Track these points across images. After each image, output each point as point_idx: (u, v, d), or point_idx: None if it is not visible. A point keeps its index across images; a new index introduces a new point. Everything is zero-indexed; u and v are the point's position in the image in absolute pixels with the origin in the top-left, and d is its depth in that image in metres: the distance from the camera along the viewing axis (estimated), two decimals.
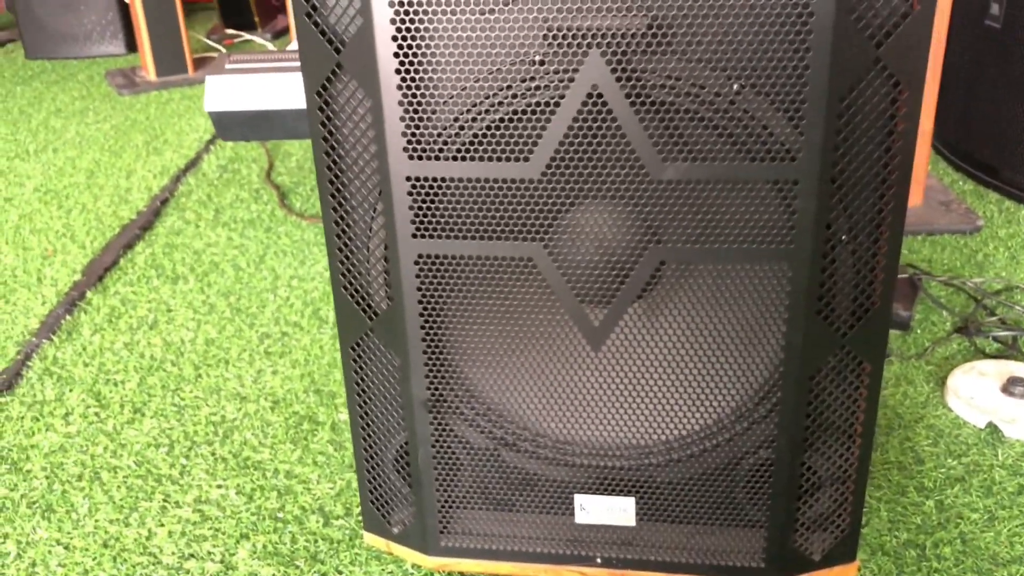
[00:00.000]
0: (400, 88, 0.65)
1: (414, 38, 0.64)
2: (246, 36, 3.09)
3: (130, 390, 1.18)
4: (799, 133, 0.63)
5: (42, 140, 2.17)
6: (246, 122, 1.51)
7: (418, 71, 0.65)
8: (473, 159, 0.67)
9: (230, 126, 1.50)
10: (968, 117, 1.73)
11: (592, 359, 0.74)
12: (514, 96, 0.65)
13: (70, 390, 1.18)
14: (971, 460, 0.99)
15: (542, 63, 0.64)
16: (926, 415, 1.07)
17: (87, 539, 0.93)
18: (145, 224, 1.67)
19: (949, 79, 1.78)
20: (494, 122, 0.66)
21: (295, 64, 1.63)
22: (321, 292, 1.41)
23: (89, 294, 1.42)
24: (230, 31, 3.14)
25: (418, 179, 0.68)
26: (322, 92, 0.69)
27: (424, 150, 0.67)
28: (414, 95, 0.66)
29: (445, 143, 0.67)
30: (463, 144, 0.67)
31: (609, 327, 0.72)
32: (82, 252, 1.57)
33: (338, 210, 0.73)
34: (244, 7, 3.11)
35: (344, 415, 1.12)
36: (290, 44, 2.69)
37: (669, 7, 0.61)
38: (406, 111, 0.66)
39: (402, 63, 0.65)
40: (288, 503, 0.97)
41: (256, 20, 3.12)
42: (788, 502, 0.76)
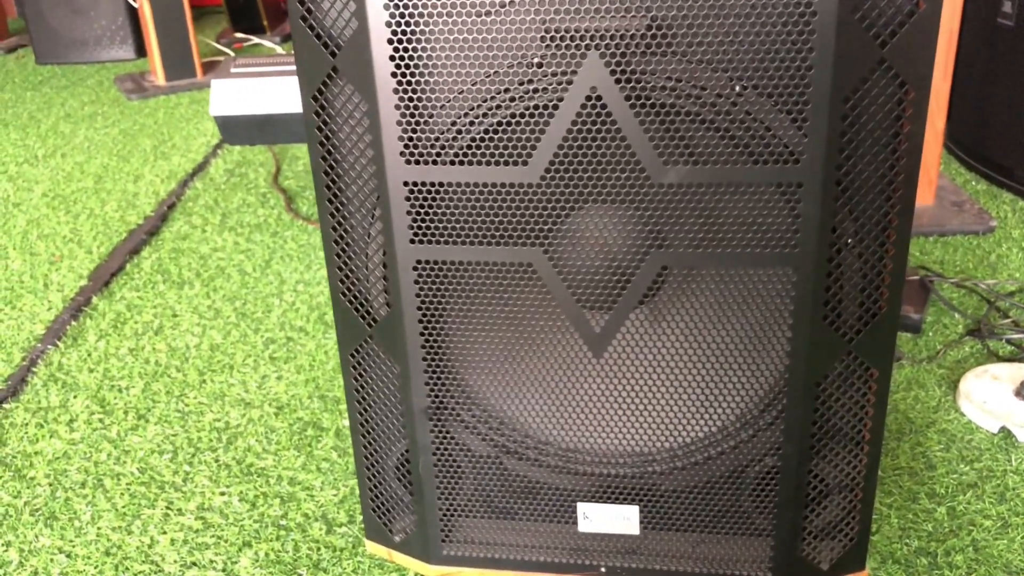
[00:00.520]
0: (396, 92, 0.64)
1: (410, 41, 0.63)
2: (255, 40, 3.09)
3: (134, 396, 1.18)
4: (803, 135, 0.62)
5: (51, 145, 2.17)
6: (251, 126, 1.50)
7: (414, 74, 0.64)
8: (471, 163, 0.66)
9: (235, 130, 1.50)
10: (981, 116, 1.70)
11: (594, 365, 0.73)
12: (512, 99, 0.64)
13: (74, 396, 1.18)
14: (984, 466, 0.98)
15: (540, 65, 0.62)
16: (938, 419, 1.05)
17: (89, 547, 0.93)
18: (152, 229, 1.66)
19: (962, 78, 1.76)
20: (492, 126, 0.65)
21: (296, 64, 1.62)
22: (326, 297, 1.40)
23: (95, 299, 1.42)
24: (239, 35, 3.15)
25: (416, 184, 0.67)
26: (318, 96, 0.68)
27: (422, 154, 0.66)
28: (411, 99, 0.65)
29: (443, 147, 0.66)
30: (461, 148, 0.66)
31: (611, 333, 0.71)
32: (89, 257, 1.57)
33: (336, 215, 0.72)
34: (253, 11, 3.11)
35: (348, 421, 1.11)
36: None
37: (668, 7, 0.60)
38: (403, 115, 0.65)
39: (398, 66, 0.64)
40: (291, 510, 0.97)
41: (265, 24, 3.12)
42: (795, 510, 0.75)
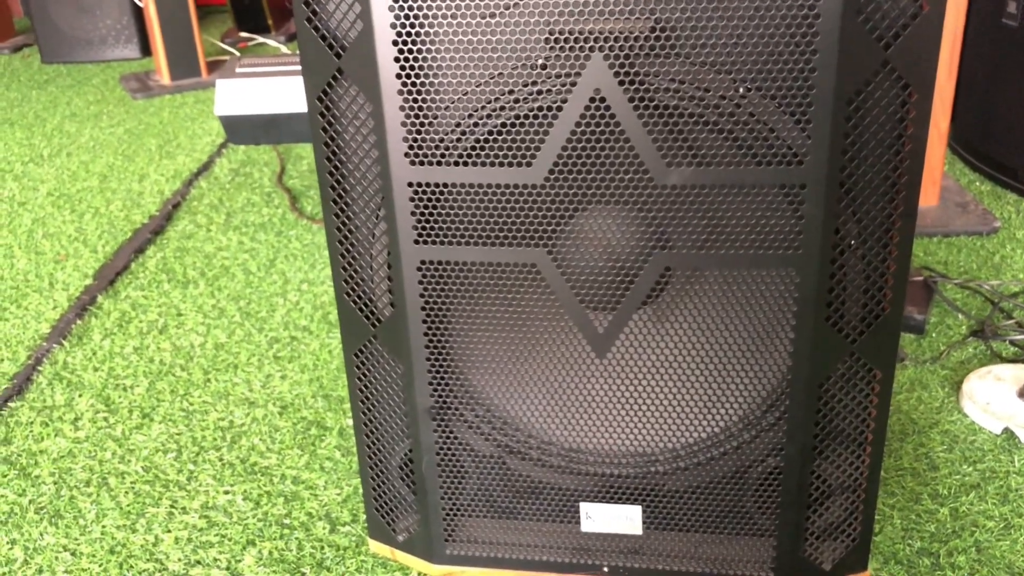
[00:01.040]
0: (401, 93, 0.65)
1: (415, 43, 0.63)
2: (260, 39, 3.10)
3: (139, 395, 1.18)
4: (806, 137, 0.62)
5: (56, 144, 2.18)
6: (256, 126, 1.51)
7: (419, 76, 0.64)
8: (475, 164, 0.66)
9: (240, 130, 1.50)
10: (985, 117, 1.70)
11: (597, 366, 0.73)
12: (516, 101, 0.64)
13: (79, 395, 1.18)
14: (987, 467, 0.98)
15: (544, 67, 0.63)
16: (941, 420, 1.05)
17: (94, 545, 0.93)
18: (157, 228, 1.67)
19: (966, 78, 1.75)
20: (496, 127, 0.65)
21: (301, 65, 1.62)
22: (331, 296, 1.41)
23: (100, 298, 1.43)
24: (244, 34, 3.15)
25: (420, 185, 0.68)
26: (323, 97, 0.68)
27: (426, 155, 0.67)
28: (415, 100, 0.65)
29: (447, 148, 0.66)
30: (465, 149, 0.66)
31: (614, 333, 0.71)
32: (94, 256, 1.57)
33: (340, 216, 0.72)
34: (258, 10, 3.12)
35: (352, 420, 1.11)
36: None
37: (672, 10, 0.60)
38: (407, 116, 0.65)
39: (403, 68, 0.64)
40: (295, 509, 0.97)
41: (270, 23, 3.13)
42: (798, 511, 0.75)
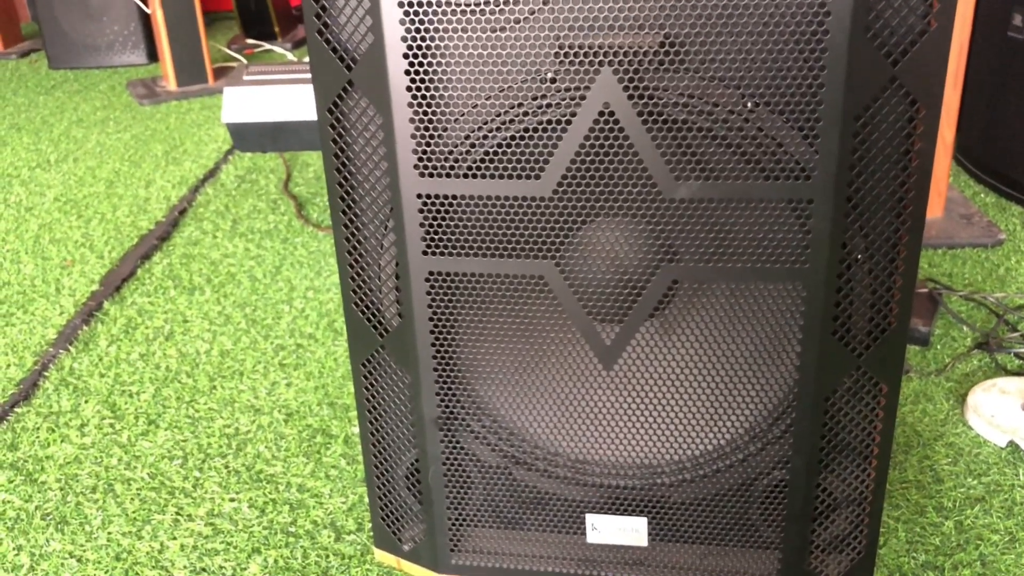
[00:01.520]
0: (411, 106, 0.65)
1: (425, 56, 0.64)
2: (266, 46, 3.11)
3: (145, 401, 1.18)
4: (814, 152, 0.62)
5: (63, 150, 2.19)
6: (263, 133, 1.51)
7: (429, 89, 0.65)
8: (484, 177, 0.67)
9: (247, 137, 1.51)
10: (990, 129, 1.71)
11: (604, 377, 0.74)
12: (525, 114, 0.64)
13: (86, 401, 1.19)
14: (991, 480, 0.98)
15: (553, 81, 0.63)
16: (945, 433, 1.05)
17: (100, 552, 0.93)
18: (163, 234, 1.67)
19: (971, 90, 1.76)
20: (505, 140, 0.65)
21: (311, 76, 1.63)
22: (336, 304, 1.41)
23: (106, 304, 1.43)
24: (250, 41, 3.16)
25: (429, 196, 0.68)
26: (333, 109, 0.69)
27: (435, 167, 0.67)
28: (425, 113, 0.66)
29: (456, 161, 0.67)
30: (474, 162, 0.66)
31: (621, 346, 0.71)
32: (100, 262, 1.58)
33: (349, 226, 0.73)
34: (264, 17, 3.13)
35: (357, 428, 1.11)
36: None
37: (682, 25, 0.60)
38: (417, 128, 0.66)
39: (413, 81, 0.64)
40: (300, 517, 0.97)
41: (276, 30, 3.14)
42: (803, 523, 0.75)
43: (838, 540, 0.77)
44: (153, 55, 2.98)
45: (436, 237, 0.69)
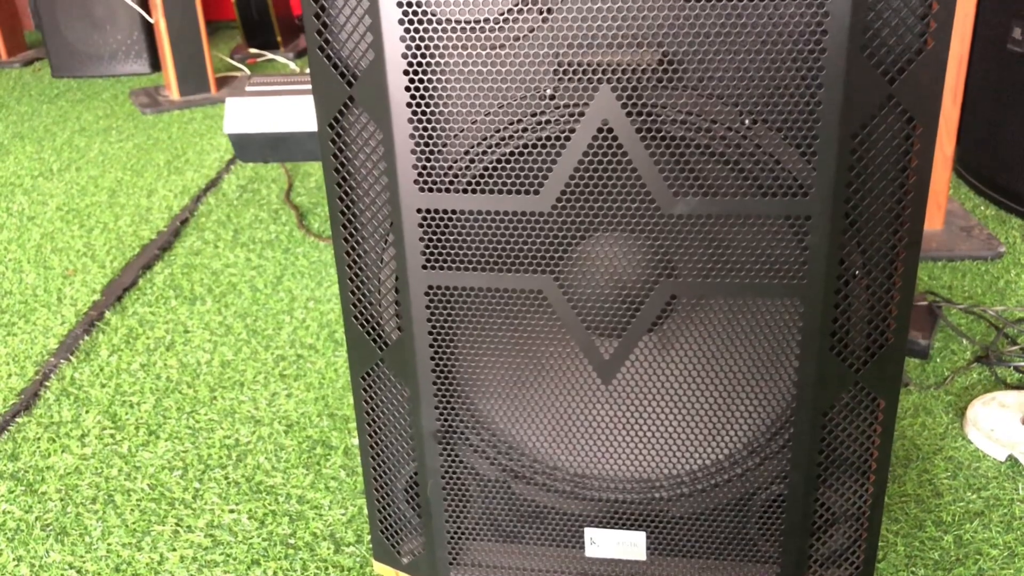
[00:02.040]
0: (411, 121, 0.66)
1: (425, 72, 0.64)
2: (269, 55, 3.12)
3: (145, 412, 1.19)
4: (811, 169, 0.62)
5: (66, 159, 2.20)
6: (265, 144, 1.52)
7: (429, 105, 0.65)
8: (484, 192, 0.67)
9: (249, 148, 1.52)
10: (991, 141, 1.71)
11: (603, 392, 0.74)
12: (524, 130, 0.65)
13: (86, 411, 1.19)
14: (991, 494, 0.98)
15: (552, 97, 0.63)
16: (945, 447, 1.05)
17: (99, 563, 0.94)
18: (165, 244, 1.68)
19: (971, 103, 1.76)
20: (504, 155, 0.66)
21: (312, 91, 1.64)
22: (337, 314, 1.41)
23: (108, 314, 1.44)
24: (253, 50, 3.17)
25: (429, 211, 0.68)
26: (334, 124, 0.69)
27: (435, 183, 0.67)
28: (425, 128, 0.66)
29: (456, 176, 0.67)
30: (474, 177, 0.67)
31: (620, 360, 0.71)
32: (102, 272, 1.58)
33: (349, 240, 0.73)
34: (267, 27, 3.14)
35: (357, 440, 1.12)
36: None
37: (680, 43, 0.61)
38: (417, 144, 0.66)
39: (413, 97, 0.65)
40: (300, 529, 0.97)
41: (279, 40, 3.15)
42: (801, 538, 0.75)
43: (836, 554, 0.77)
44: (156, 64, 2.99)
45: (436, 251, 0.70)
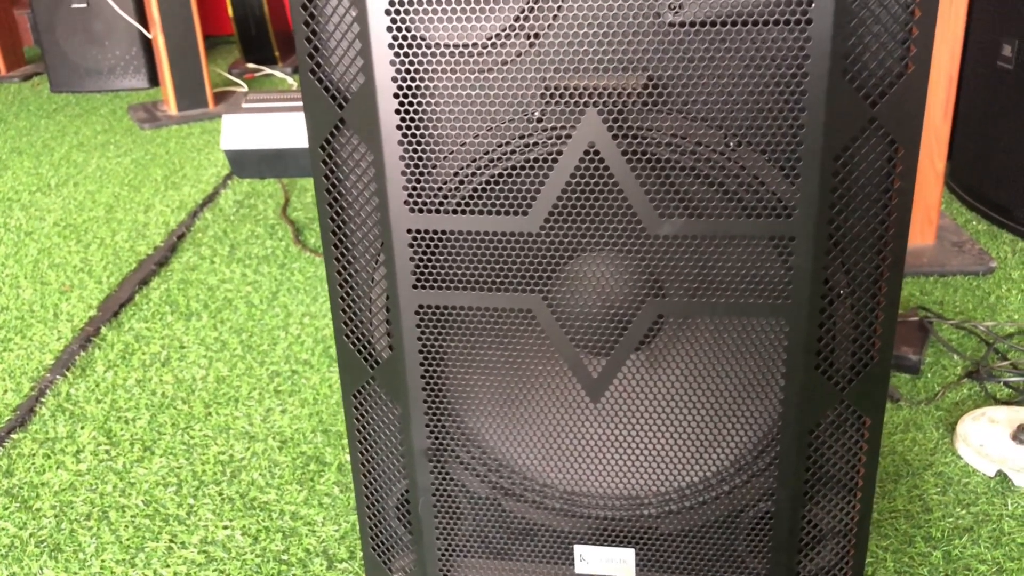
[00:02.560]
0: (401, 144, 0.66)
1: (415, 95, 0.65)
2: (267, 70, 3.13)
3: (140, 428, 1.19)
4: (795, 190, 0.63)
5: (64, 174, 2.21)
6: (261, 160, 1.53)
7: (419, 127, 0.66)
8: (473, 212, 0.68)
9: (245, 164, 1.53)
10: (982, 157, 1.72)
11: (591, 409, 0.75)
12: (512, 152, 0.66)
13: (82, 427, 1.20)
14: (980, 510, 0.98)
15: (540, 120, 0.64)
16: (935, 462, 1.06)
17: None
18: (161, 260, 1.69)
19: (962, 119, 1.78)
20: (493, 177, 0.67)
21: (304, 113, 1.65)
22: (332, 330, 1.42)
23: (104, 330, 1.44)
24: (251, 65, 3.19)
25: (419, 232, 0.69)
26: (325, 146, 0.70)
27: (425, 203, 0.68)
28: (415, 150, 0.67)
29: (445, 197, 0.68)
30: (463, 198, 0.68)
31: (608, 378, 0.72)
32: (98, 287, 1.59)
33: (341, 260, 0.74)
34: (264, 42, 3.16)
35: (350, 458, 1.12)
36: None
37: (665, 67, 0.62)
38: (407, 166, 0.67)
39: (403, 119, 0.66)
40: (293, 545, 0.98)
41: (277, 55, 3.17)
42: (789, 555, 0.76)
43: (824, 571, 0.78)
44: (154, 79, 3.01)
45: (426, 271, 0.71)
